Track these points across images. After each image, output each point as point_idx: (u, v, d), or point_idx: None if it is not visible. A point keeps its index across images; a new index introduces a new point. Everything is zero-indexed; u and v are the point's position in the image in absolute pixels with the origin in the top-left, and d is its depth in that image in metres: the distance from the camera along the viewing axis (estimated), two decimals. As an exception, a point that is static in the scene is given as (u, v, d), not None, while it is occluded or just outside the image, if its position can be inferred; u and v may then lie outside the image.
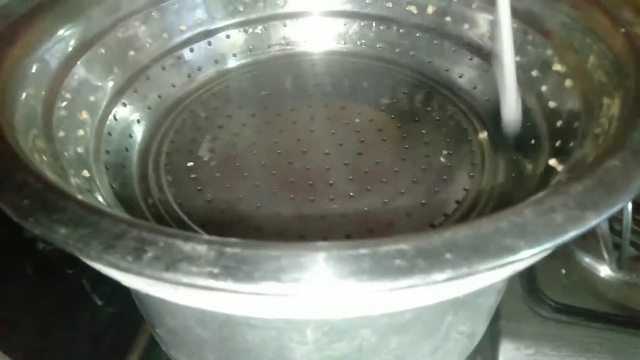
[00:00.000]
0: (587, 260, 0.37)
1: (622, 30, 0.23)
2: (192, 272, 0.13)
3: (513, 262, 0.14)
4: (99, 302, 0.45)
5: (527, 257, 0.14)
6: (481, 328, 0.27)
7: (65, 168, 0.21)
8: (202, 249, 0.14)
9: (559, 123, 0.25)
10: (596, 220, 0.14)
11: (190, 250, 0.14)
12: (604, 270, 0.37)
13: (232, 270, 0.13)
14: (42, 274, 0.45)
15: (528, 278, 0.36)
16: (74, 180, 0.21)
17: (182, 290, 0.15)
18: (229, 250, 0.14)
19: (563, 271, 0.37)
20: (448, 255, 0.13)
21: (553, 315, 0.35)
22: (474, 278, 0.14)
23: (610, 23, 0.24)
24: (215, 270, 0.13)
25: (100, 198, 0.23)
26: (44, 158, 0.20)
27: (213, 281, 0.13)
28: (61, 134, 0.23)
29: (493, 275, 0.16)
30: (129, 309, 0.43)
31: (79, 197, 0.16)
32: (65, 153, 0.22)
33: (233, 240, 0.14)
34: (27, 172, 0.16)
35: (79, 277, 0.45)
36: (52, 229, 0.15)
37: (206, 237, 0.14)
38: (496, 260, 0.13)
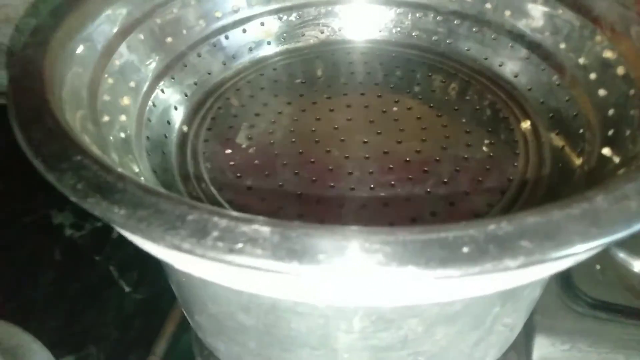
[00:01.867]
0: (622, 255, 0.37)
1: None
2: (256, 254, 0.13)
3: (586, 250, 0.13)
4: (127, 289, 0.45)
5: (600, 245, 0.13)
6: (522, 321, 0.27)
7: (111, 152, 0.21)
8: (265, 231, 0.14)
9: (610, 111, 0.24)
10: (672, 208, 0.14)
11: (253, 233, 0.14)
12: (638, 266, 0.36)
13: (298, 252, 0.13)
14: (70, 260, 0.46)
15: (563, 274, 0.36)
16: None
17: (239, 273, 0.15)
18: (292, 232, 0.14)
19: (598, 267, 0.36)
20: (521, 242, 0.13)
21: (589, 312, 0.34)
22: (542, 266, 0.14)
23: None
24: (280, 253, 0.13)
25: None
26: (93, 140, 0.20)
27: (278, 263, 0.13)
28: (106, 118, 0.23)
29: (558, 264, 0.15)
30: (156, 295, 0.44)
31: (136, 179, 0.16)
32: (111, 138, 0.22)
33: (295, 222, 0.14)
34: (83, 153, 0.16)
35: (107, 264, 0.46)
36: (112, 210, 0.15)
37: (267, 219, 0.14)
38: (570, 248, 0.13)
